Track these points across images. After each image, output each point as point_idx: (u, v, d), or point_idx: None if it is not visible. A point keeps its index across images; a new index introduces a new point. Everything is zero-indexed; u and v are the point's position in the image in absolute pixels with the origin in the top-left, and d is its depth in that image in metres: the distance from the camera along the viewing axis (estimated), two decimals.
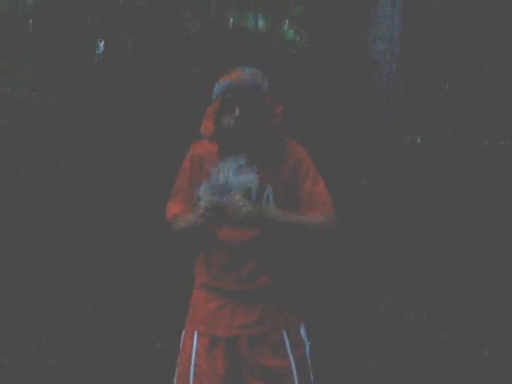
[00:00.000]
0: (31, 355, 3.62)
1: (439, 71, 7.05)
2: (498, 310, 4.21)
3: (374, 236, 4.69)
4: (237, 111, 1.73)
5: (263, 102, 1.81)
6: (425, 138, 7.40)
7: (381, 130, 4.66)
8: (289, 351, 1.83)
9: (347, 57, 5.15)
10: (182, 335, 1.95)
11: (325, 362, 2.04)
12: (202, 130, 1.88)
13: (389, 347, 3.65)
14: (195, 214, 1.70)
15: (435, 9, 6.73)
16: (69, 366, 3.50)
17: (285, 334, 1.84)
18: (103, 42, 5.60)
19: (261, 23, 9.16)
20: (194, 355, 1.84)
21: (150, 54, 5.25)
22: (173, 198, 1.96)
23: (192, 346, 1.86)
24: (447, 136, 7.07)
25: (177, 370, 1.92)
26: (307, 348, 1.90)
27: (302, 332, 1.91)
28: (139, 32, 5.48)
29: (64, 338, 3.85)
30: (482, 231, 5.39)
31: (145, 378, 3.40)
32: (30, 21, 5.79)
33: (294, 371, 1.81)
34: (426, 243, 5.08)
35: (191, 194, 1.84)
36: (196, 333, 1.87)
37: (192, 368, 1.84)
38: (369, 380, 3.34)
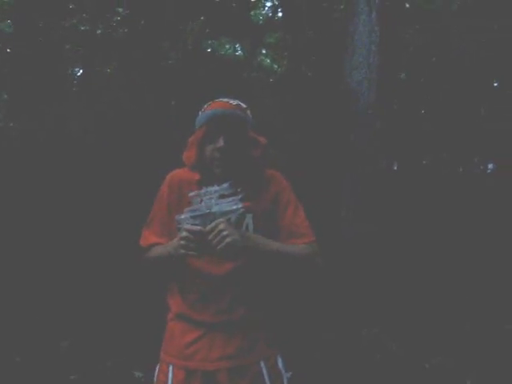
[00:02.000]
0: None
1: (415, 98, 7.20)
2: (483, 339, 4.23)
3: (352, 265, 4.69)
4: (221, 141, 1.72)
5: (247, 132, 1.80)
6: (401, 165, 7.51)
7: (361, 157, 4.70)
8: (267, 382, 1.78)
9: (325, 85, 5.22)
10: (157, 369, 1.87)
11: None
12: (185, 158, 1.84)
13: (370, 377, 3.62)
14: (174, 243, 1.66)
15: (411, 37, 6.89)
16: None
17: (263, 364, 1.80)
18: (81, 71, 5.62)
19: (238, 52, 9.31)
20: None
21: (128, 83, 5.26)
22: (148, 226, 1.91)
23: (167, 382, 1.79)
24: (423, 162, 7.19)
25: None
26: (285, 379, 1.86)
27: (280, 363, 1.87)
28: (118, 61, 5.51)
29: (39, 367, 3.75)
30: (458, 254, 5.43)
31: None
32: (8, 49, 5.79)
33: None
34: (403, 270, 5.10)
35: (168, 222, 1.81)
36: (171, 367, 1.80)
37: None
38: None
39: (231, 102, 1.81)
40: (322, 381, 3.39)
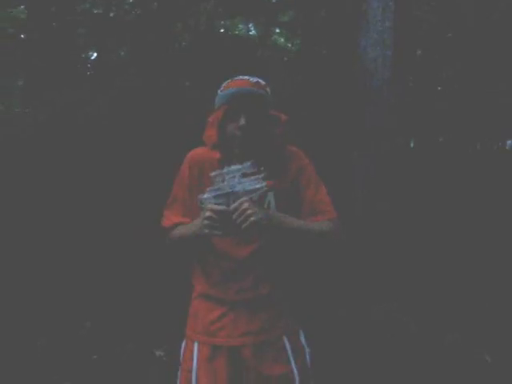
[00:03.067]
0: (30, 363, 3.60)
1: (431, 76, 7.10)
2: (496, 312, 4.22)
3: (369, 242, 4.69)
4: (242, 120, 1.71)
5: (268, 110, 1.80)
6: (418, 142, 7.44)
7: (375, 135, 4.66)
8: (291, 357, 1.81)
9: (339, 63, 5.17)
10: (182, 346, 1.91)
11: (322, 369, 2.03)
12: (205, 138, 1.84)
13: (384, 354, 3.64)
14: (198, 223, 1.66)
15: (426, 14, 6.77)
16: (67, 374, 3.48)
17: (286, 340, 1.83)
18: (95, 55, 5.62)
19: (252, 31, 9.24)
20: (194, 367, 1.81)
21: (141, 66, 5.25)
22: (170, 207, 1.91)
23: (192, 358, 1.83)
24: (440, 140, 7.11)
25: (178, 382, 1.89)
26: (307, 354, 1.89)
27: (302, 338, 1.90)
28: (131, 44, 5.50)
29: (62, 348, 3.82)
30: (476, 234, 5.39)
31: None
32: (22, 35, 5.80)
33: (297, 377, 1.80)
34: (421, 247, 5.08)
35: (190, 201, 1.82)
36: (196, 344, 1.84)
37: (194, 380, 1.81)
38: None
39: (251, 79, 1.81)
40: (337, 357, 3.41)
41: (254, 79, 1.81)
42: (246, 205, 1.58)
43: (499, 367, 3.47)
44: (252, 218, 1.57)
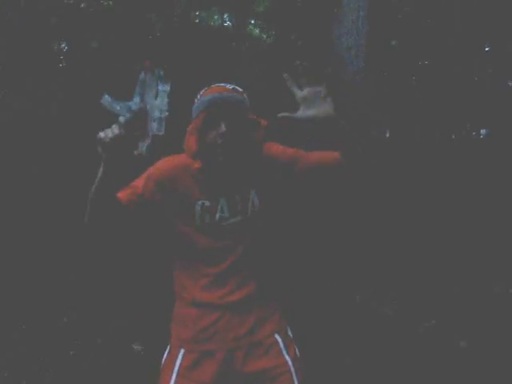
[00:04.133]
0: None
1: (406, 66, 7.13)
2: (473, 302, 4.28)
3: (347, 231, 4.71)
4: (222, 127, 1.68)
5: (247, 115, 1.77)
6: (393, 132, 7.48)
7: (350, 125, 4.66)
8: (283, 351, 1.82)
9: (314, 53, 5.15)
10: (166, 353, 1.88)
11: (308, 358, 2.03)
12: (185, 148, 1.79)
13: (364, 341, 3.66)
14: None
15: (400, 2, 6.80)
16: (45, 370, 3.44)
17: (277, 336, 1.84)
18: (66, 45, 5.52)
19: (227, 23, 9.18)
20: (175, 370, 1.79)
21: (115, 56, 5.18)
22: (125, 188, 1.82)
23: (175, 364, 1.80)
24: (415, 129, 7.16)
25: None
26: (296, 348, 1.89)
27: (290, 333, 1.92)
28: (103, 34, 5.41)
29: (39, 344, 3.78)
30: (450, 220, 5.46)
31: (123, 380, 3.35)
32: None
33: (292, 370, 1.80)
34: (397, 236, 5.12)
35: (144, 198, 1.76)
36: (182, 351, 1.81)
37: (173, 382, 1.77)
38: (348, 377, 3.35)
39: (227, 86, 1.79)
40: (317, 345, 3.43)
41: (230, 86, 1.80)
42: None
43: (474, 353, 3.52)
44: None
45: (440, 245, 5.10)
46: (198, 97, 1.80)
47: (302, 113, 1.65)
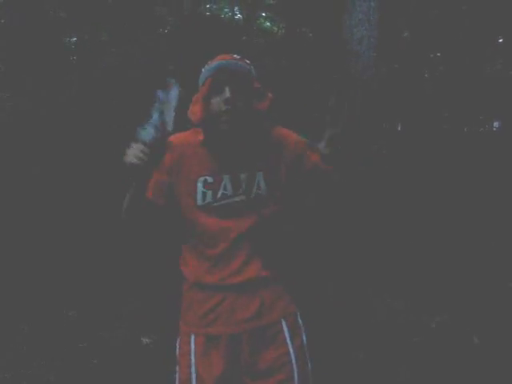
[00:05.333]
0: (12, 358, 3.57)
1: (418, 58, 7.06)
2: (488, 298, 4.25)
3: (359, 227, 4.68)
4: (227, 92, 1.66)
5: (252, 85, 1.75)
6: (405, 126, 7.42)
7: (361, 118, 4.62)
8: (288, 339, 1.77)
9: (325, 45, 5.11)
10: (178, 341, 1.85)
11: (318, 351, 2.00)
12: (190, 114, 1.77)
13: (374, 336, 3.64)
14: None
15: None
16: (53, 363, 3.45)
17: (283, 322, 1.79)
18: (75, 39, 5.52)
19: (238, 15, 9.15)
20: (193, 360, 1.76)
21: (124, 50, 5.17)
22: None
23: (190, 352, 1.77)
24: (427, 122, 7.09)
25: (177, 377, 1.82)
26: (304, 335, 1.84)
27: (299, 319, 1.86)
28: (113, 29, 5.42)
29: (48, 337, 3.80)
30: (464, 215, 5.40)
31: (132, 373, 3.36)
32: (2, 20, 5.69)
33: (293, 360, 1.75)
34: (410, 231, 5.09)
35: (166, 185, 1.77)
36: (193, 336, 1.78)
37: (194, 374, 1.75)
38: (360, 371, 3.33)
39: (235, 55, 1.77)
40: (329, 339, 3.41)
41: (238, 56, 1.78)
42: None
43: (487, 349, 3.48)
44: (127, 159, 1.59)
45: (453, 238, 5.05)
46: (206, 66, 1.79)
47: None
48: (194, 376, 1.76)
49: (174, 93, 1.63)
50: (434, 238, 5.00)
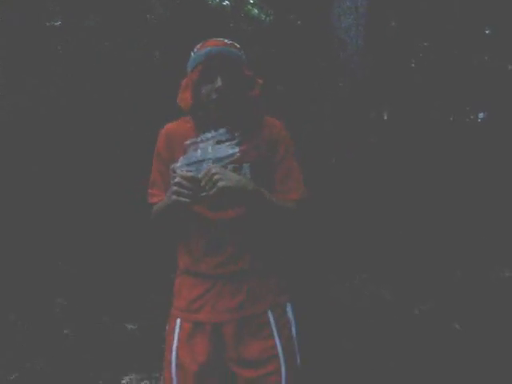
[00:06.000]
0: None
1: (405, 47, 7.07)
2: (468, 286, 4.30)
3: (343, 214, 4.70)
4: (219, 81, 1.65)
5: (243, 71, 1.73)
6: (391, 114, 7.44)
7: (347, 106, 4.63)
8: (274, 331, 1.77)
9: (313, 33, 5.10)
10: (167, 325, 1.88)
11: (310, 344, 2.00)
12: (179, 101, 1.76)
13: (359, 323, 3.68)
14: (169, 191, 1.61)
15: None
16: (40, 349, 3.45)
17: (270, 313, 1.78)
18: (60, 23, 5.45)
19: (225, 2, 9.07)
20: (175, 344, 1.79)
21: (113, 35, 5.13)
22: (152, 184, 1.87)
23: (173, 335, 1.80)
24: (414, 112, 7.11)
25: (164, 357, 1.85)
26: (293, 327, 1.84)
27: (289, 311, 1.85)
28: (100, 13, 5.35)
29: (33, 323, 3.79)
30: (448, 204, 5.45)
31: (117, 358, 3.37)
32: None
33: (280, 352, 1.75)
34: (394, 219, 5.12)
35: (168, 178, 1.75)
36: (179, 320, 1.81)
37: (174, 357, 1.78)
38: (348, 361, 3.36)
39: (226, 40, 1.75)
40: (316, 329, 3.44)
41: (228, 41, 1.76)
42: (214, 170, 1.53)
43: (468, 335, 3.54)
44: (220, 183, 1.51)
45: (437, 229, 5.10)
46: (195, 50, 1.76)
47: None
48: (173, 360, 1.78)
49: (227, 149, 1.58)
50: (419, 228, 5.05)
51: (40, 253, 4.57)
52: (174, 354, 1.78)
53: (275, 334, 1.77)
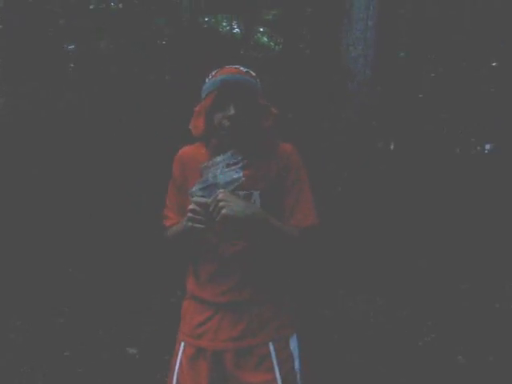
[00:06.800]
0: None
1: (413, 78, 7.13)
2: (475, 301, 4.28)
3: (348, 241, 4.69)
4: (231, 109, 1.62)
5: (258, 100, 1.70)
6: (398, 145, 7.46)
7: (355, 136, 4.65)
8: (275, 364, 1.73)
9: (322, 63, 5.14)
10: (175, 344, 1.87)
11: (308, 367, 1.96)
12: (192, 128, 1.75)
13: (363, 354, 3.64)
14: (185, 218, 1.60)
15: (409, 14, 6.78)
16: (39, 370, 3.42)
17: (271, 346, 1.74)
18: (74, 46, 5.53)
19: (235, 30, 9.20)
20: (177, 367, 1.78)
21: (123, 58, 5.20)
22: (166, 207, 1.88)
23: (177, 358, 1.80)
24: (420, 143, 7.13)
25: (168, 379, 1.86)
26: (296, 361, 1.80)
27: (292, 344, 1.80)
28: (112, 36, 5.44)
29: (34, 343, 3.76)
30: (453, 235, 5.44)
31: (119, 382, 3.34)
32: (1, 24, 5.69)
33: None
34: (400, 248, 5.10)
35: (181, 201, 1.77)
36: (183, 344, 1.80)
37: (175, 379, 1.78)
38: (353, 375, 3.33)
39: (241, 68, 1.73)
40: (316, 358, 3.40)
41: (244, 69, 1.74)
42: (220, 196, 1.52)
43: (472, 368, 3.49)
44: (223, 211, 1.51)
45: (442, 259, 5.07)
46: (210, 76, 1.75)
47: None
48: (175, 380, 1.78)
49: (236, 174, 1.58)
50: (423, 257, 5.03)
51: (43, 272, 4.57)
52: (175, 378, 1.78)
53: (275, 367, 1.73)
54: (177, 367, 1.79)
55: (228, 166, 1.58)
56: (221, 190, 1.54)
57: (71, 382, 3.33)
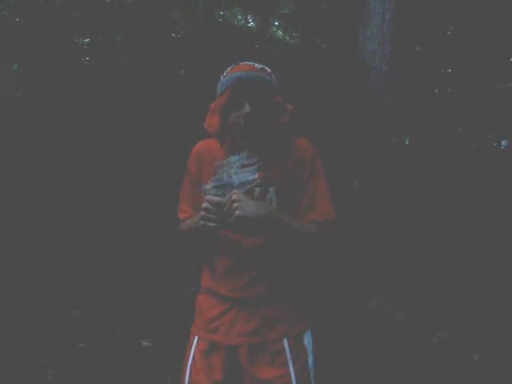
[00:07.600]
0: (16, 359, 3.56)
1: (429, 73, 7.07)
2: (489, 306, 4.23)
3: (364, 237, 4.67)
4: (247, 107, 1.61)
5: (273, 97, 1.69)
6: (413, 140, 7.42)
7: (370, 131, 4.62)
8: (289, 360, 1.73)
9: (338, 57, 5.11)
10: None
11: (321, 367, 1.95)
12: (207, 126, 1.75)
13: (376, 351, 3.63)
14: (198, 214, 1.60)
15: (426, 8, 6.72)
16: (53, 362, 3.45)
17: (285, 342, 1.75)
18: (89, 40, 5.55)
19: (251, 23, 9.18)
20: (190, 360, 1.79)
21: (137, 52, 5.20)
22: (182, 200, 1.87)
23: (190, 351, 1.80)
24: (435, 137, 7.09)
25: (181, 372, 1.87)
26: (310, 356, 1.80)
27: (306, 340, 1.80)
28: (126, 31, 5.44)
29: (48, 335, 3.80)
30: (469, 232, 5.39)
31: (131, 375, 3.35)
32: (17, 18, 5.72)
33: (294, 382, 1.71)
34: (414, 245, 5.07)
35: (196, 195, 1.76)
36: (196, 338, 1.81)
37: (188, 374, 1.78)
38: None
39: (256, 65, 1.71)
40: (330, 353, 3.40)
41: (259, 65, 1.72)
42: (234, 197, 1.51)
43: (486, 366, 3.47)
44: (237, 212, 1.50)
45: (457, 255, 5.03)
46: (224, 74, 1.74)
47: None
48: (187, 377, 1.79)
49: (248, 172, 1.58)
50: (438, 253, 4.99)
51: (56, 265, 4.60)
52: (188, 371, 1.79)
53: (290, 362, 1.73)
54: (190, 361, 1.80)
55: (243, 166, 1.58)
56: (235, 191, 1.54)
57: (86, 373, 3.36)
